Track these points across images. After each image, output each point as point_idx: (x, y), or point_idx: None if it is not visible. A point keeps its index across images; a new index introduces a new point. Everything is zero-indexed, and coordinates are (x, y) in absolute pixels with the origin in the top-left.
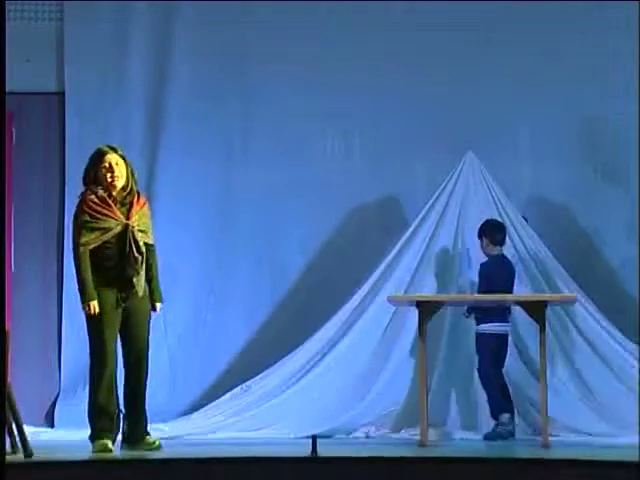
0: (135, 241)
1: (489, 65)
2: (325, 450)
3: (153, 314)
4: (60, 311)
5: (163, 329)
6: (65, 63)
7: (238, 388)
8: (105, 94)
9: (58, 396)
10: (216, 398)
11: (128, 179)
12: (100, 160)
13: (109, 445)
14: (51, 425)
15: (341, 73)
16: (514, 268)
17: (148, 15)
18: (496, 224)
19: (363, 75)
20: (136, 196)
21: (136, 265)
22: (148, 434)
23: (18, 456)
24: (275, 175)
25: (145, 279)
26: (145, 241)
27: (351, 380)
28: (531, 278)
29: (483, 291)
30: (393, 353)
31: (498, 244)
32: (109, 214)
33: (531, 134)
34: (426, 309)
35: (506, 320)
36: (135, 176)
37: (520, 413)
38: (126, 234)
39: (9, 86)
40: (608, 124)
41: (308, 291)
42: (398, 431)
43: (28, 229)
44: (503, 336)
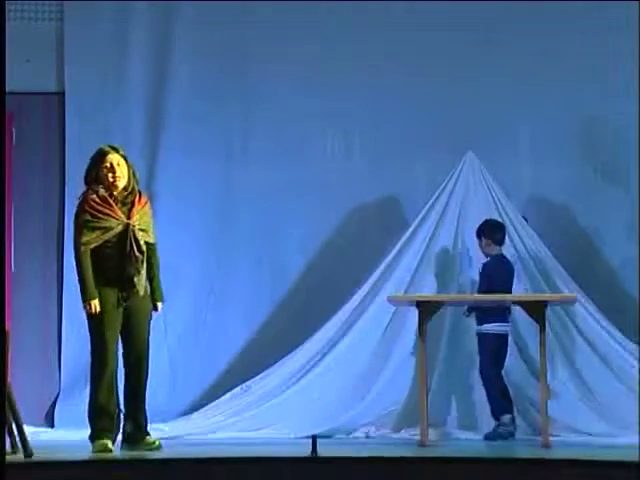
0: (136, 240)
1: (489, 65)
2: (325, 450)
3: (154, 313)
4: (60, 311)
5: (163, 329)
6: (65, 63)
7: (238, 388)
8: (105, 94)
9: (58, 396)
10: (216, 398)
11: (129, 179)
12: (102, 160)
13: (109, 445)
14: (51, 425)
15: (341, 73)
16: (513, 268)
17: (148, 15)
18: (496, 224)
19: (363, 75)
20: (137, 195)
21: (137, 264)
22: (148, 434)
23: (18, 456)
24: (275, 175)
25: (146, 278)
26: (146, 240)
27: (351, 380)
28: (531, 278)
29: (484, 291)
30: (393, 353)
31: (499, 244)
32: (110, 213)
33: (531, 134)
34: (426, 309)
35: (506, 320)
36: (137, 176)
37: (520, 413)
38: (127, 233)
39: (9, 86)
40: (608, 124)
41: (308, 291)
42: (398, 431)
43: (28, 229)
44: (503, 336)
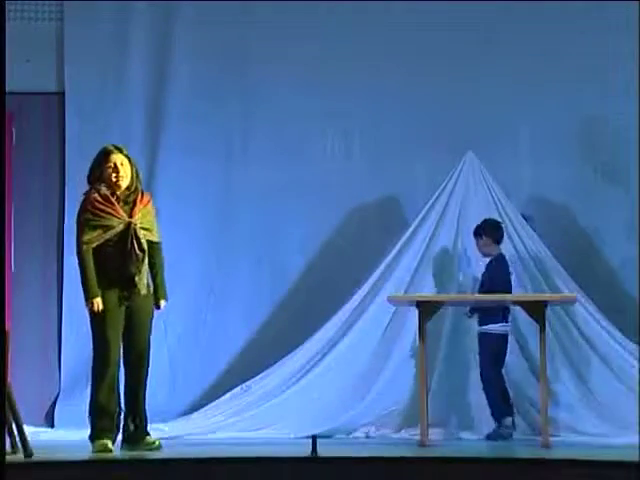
0: (137, 239)
1: (489, 65)
2: (325, 450)
3: (156, 312)
4: (60, 311)
5: (163, 329)
6: (65, 63)
7: (238, 388)
8: (105, 94)
9: (58, 396)
10: (216, 398)
11: (133, 179)
12: (105, 160)
13: (109, 445)
14: (51, 425)
15: (341, 73)
16: (510, 267)
17: (148, 15)
18: (496, 223)
19: (363, 75)
20: (140, 194)
21: (138, 263)
22: (148, 434)
23: (18, 456)
24: (275, 175)
25: (150, 276)
26: (149, 239)
27: (351, 380)
28: (531, 278)
29: (485, 291)
30: (393, 353)
31: (499, 243)
32: (112, 212)
33: (531, 134)
34: (426, 309)
35: (507, 320)
36: (140, 176)
37: (520, 413)
38: (128, 232)
39: (9, 86)
40: (608, 124)
41: (308, 291)
42: (398, 431)
43: (28, 229)
44: (504, 336)
